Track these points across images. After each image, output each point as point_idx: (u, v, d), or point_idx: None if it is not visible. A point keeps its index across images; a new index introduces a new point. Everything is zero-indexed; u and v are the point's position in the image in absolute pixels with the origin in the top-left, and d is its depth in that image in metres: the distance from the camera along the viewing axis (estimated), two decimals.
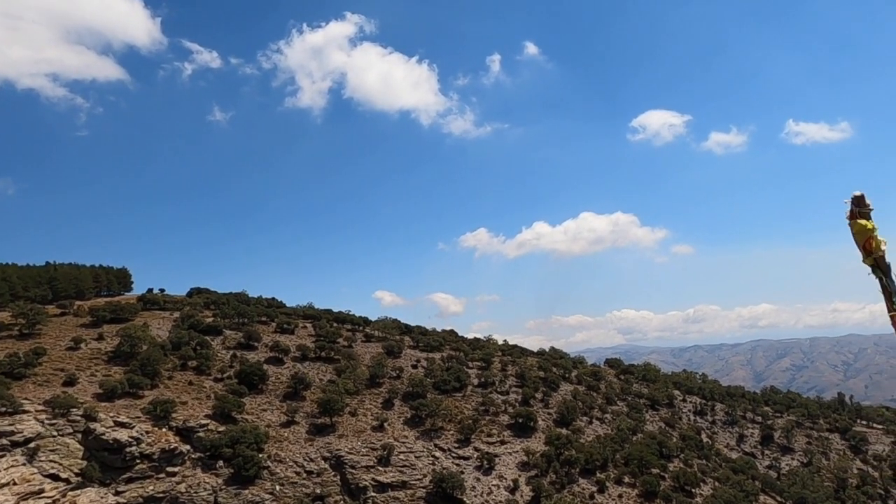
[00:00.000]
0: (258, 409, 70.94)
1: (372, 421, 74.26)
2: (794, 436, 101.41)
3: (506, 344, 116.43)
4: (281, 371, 79.33)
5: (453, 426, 76.85)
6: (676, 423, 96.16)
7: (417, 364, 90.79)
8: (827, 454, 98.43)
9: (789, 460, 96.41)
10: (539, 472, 72.05)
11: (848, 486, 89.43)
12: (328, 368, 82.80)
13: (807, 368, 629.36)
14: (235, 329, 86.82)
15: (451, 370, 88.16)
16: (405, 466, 69.61)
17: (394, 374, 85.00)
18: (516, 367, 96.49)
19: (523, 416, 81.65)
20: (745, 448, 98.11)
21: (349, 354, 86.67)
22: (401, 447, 71.01)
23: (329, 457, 67.56)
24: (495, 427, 79.28)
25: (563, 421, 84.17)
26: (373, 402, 78.26)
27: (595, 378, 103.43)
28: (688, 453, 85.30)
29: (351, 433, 71.15)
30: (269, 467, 63.19)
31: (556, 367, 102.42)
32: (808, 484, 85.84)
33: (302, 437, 68.69)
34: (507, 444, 77.26)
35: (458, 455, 73.11)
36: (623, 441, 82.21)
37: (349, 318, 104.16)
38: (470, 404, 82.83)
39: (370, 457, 68.87)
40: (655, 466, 77.24)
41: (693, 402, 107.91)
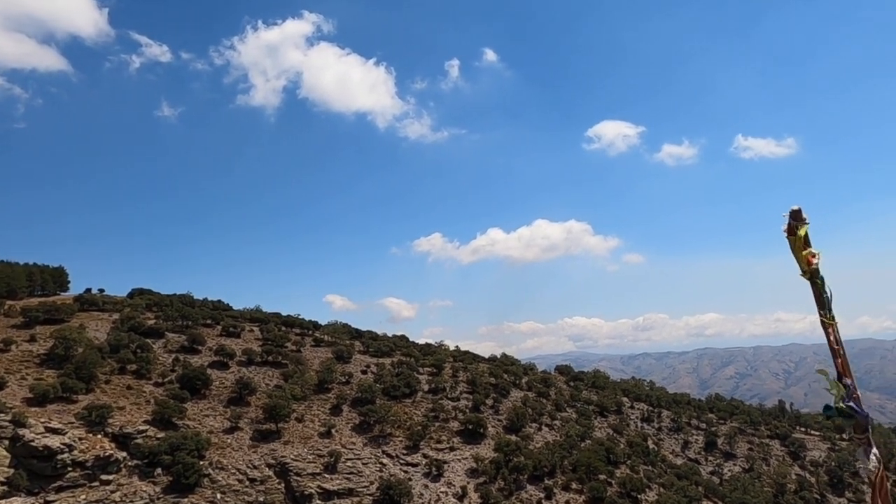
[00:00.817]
0: (200, 414, 68.86)
1: (319, 427, 72.91)
2: (736, 442, 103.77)
3: (457, 350, 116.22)
4: (225, 375, 77.24)
5: (402, 432, 76.07)
6: (624, 430, 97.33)
7: (367, 369, 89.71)
8: (767, 460, 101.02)
9: (731, 466, 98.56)
10: (488, 478, 71.81)
11: (786, 491, 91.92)
12: (275, 373, 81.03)
13: (750, 376, 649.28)
14: (179, 332, 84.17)
15: (401, 376, 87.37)
16: (352, 473, 68.55)
17: (343, 379, 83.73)
18: (467, 374, 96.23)
19: (473, 422, 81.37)
20: (690, 454, 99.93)
21: (297, 359, 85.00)
22: (348, 454, 69.95)
23: (274, 464, 66.04)
24: (445, 433, 78.78)
25: (513, 427, 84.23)
26: (321, 407, 76.88)
27: (545, 385, 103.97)
28: (634, 459, 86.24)
29: (297, 440, 69.69)
30: (210, 475, 61.34)
31: (507, 374, 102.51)
32: (748, 489, 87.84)
33: (246, 443, 66.97)
34: (457, 450, 76.85)
35: (407, 462, 72.38)
36: (571, 447, 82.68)
37: (298, 321, 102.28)
38: (420, 410, 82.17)
39: (316, 464, 67.61)
40: (603, 473, 77.84)
41: (641, 408, 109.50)
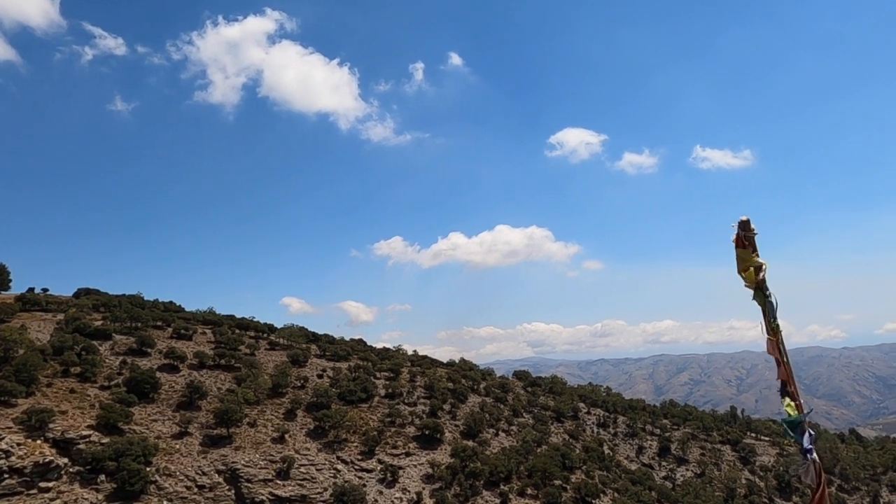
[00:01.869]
0: (148, 419, 66.67)
1: (272, 432, 71.39)
2: (689, 447, 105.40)
3: (415, 354, 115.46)
4: (175, 379, 75.04)
5: (358, 438, 75.08)
6: (580, 435, 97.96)
7: (323, 374, 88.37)
8: (719, 465, 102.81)
9: (684, 471, 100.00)
10: (444, 484, 71.35)
11: (736, 495, 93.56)
12: (228, 377, 79.10)
13: (704, 383, 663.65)
14: (127, 334, 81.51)
15: (357, 380, 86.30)
16: (305, 480, 67.27)
17: (298, 383, 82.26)
18: (425, 379, 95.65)
19: (430, 427, 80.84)
20: (644, 459, 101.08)
21: (251, 363, 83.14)
22: (302, 459, 68.64)
23: (224, 470, 64.30)
24: (401, 439, 78.06)
25: (470, 433, 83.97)
26: (274, 412, 75.34)
27: (503, 390, 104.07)
28: (590, 465, 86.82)
29: (249, 445, 68.08)
30: (156, 481, 59.32)
31: (465, 379, 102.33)
32: (700, 494, 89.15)
33: (195, 449, 65.04)
34: (413, 456, 76.20)
35: (362, 468, 71.43)
36: (528, 453, 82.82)
37: (253, 324, 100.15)
38: (376, 415, 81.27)
39: (268, 470, 66.11)
40: (558, 478, 78.12)
41: (597, 414, 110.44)
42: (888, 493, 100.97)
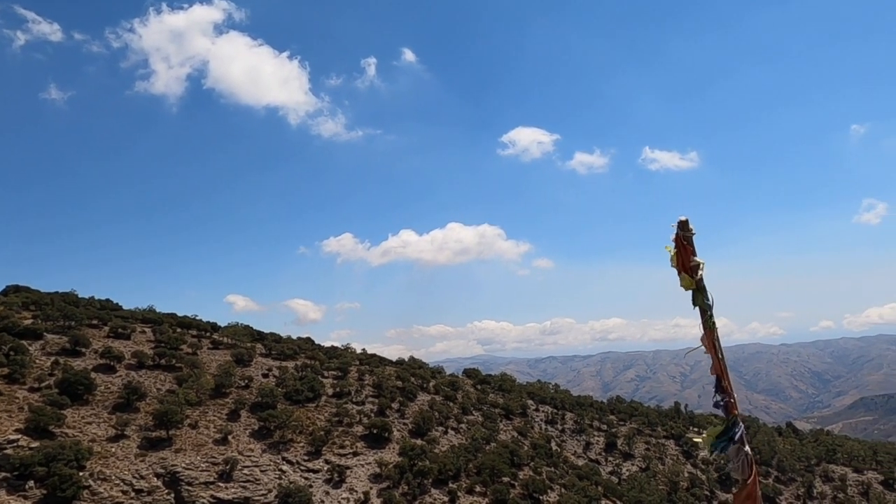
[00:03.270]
0: (82, 422, 63.97)
1: (215, 433, 69.44)
2: (634, 443, 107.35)
3: (364, 353, 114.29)
4: (112, 380, 72.25)
5: (304, 438, 73.73)
6: (528, 432, 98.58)
7: (269, 373, 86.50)
8: (663, 459, 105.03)
9: (630, 466, 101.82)
10: (392, 483, 70.73)
11: (679, 488, 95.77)
12: (168, 377, 76.57)
13: (650, 379, 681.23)
14: (60, 333, 78.04)
15: (304, 379, 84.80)
16: (249, 481, 65.68)
17: (242, 383, 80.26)
18: (374, 377, 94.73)
19: (378, 426, 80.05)
20: (591, 455, 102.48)
21: (193, 362, 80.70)
22: (245, 461, 67.00)
23: (163, 473, 62.20)
24: (349, 438, 77.04)
25: (419, 431, 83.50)
26: (217, 413, 73.30)
27: (453, 388, 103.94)
28: (538, 461, 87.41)
29: (190, 447, 66.03)
30: (90, 486, 56.94)
31: (414, 377, 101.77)
32: (644, 488, 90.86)
33: (132, 452, 62.71)
34: (361, 455, 75.30)
35: (308, 468, 70.22)
36: (477, 450, 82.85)
37: (195, 323, 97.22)
38: (323, 415, 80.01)
39: (210, 472, 64.28)
40: (506, 475, 78.39)
41: (545, 411, 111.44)
42: (821, 484, 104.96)
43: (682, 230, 8.22)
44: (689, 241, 8.23)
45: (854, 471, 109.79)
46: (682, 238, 8.21)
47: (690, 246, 8.17)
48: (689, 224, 8.25)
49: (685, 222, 8.23)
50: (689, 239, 8.24)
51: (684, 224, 8.22)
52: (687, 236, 8.25)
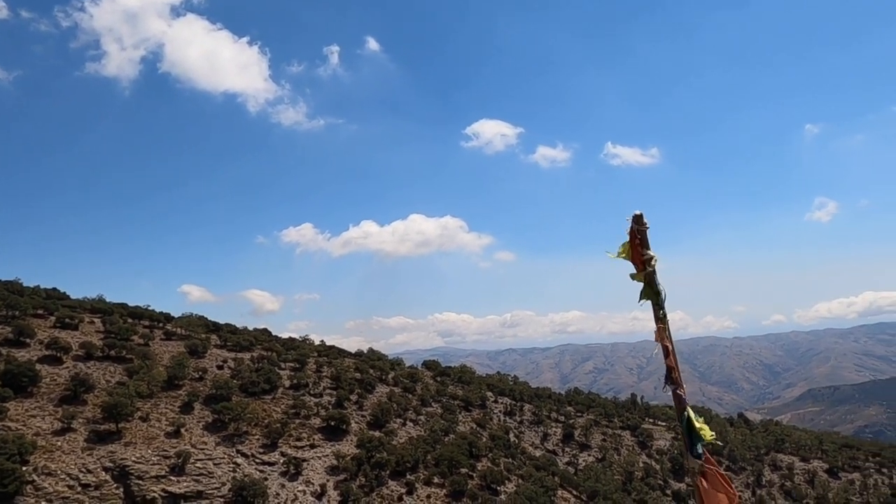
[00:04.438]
0: (26, 415, 61.69)
1: (167, 426, 67.79)
2: (591, 434, 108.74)
3: (322, 344, 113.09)
4: (58, 371, 69.85)
5: (260, 430, 72.59)
6: (487, 424, 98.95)
7: (224, 365, 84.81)
8: (619, 450, 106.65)
9: (586, 456, 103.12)
10: (349, 475, 70.22)
11: (634, 478, 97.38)
12: (118, 369, 74.38)
13: (607, 371, 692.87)
14: (3, 323, 75.06)
15: (261, 371, 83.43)
16: (202, 475, 64.31)
17: (196, 375, 78.48)
18: (332, 369, 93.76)
19: (336, 418, 79.31)
20: (549, 446, 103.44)
21: (145, 353, 78.58)
22: (198, 454, 65.55)
23: (112, 467, 60.43)
24: (306, 430, 76.15)
25: (377, 423, 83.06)
26: (169, 405, 71.54)
27: (412, 380, 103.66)
28: (496, 452, 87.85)
29: (140, 440, 64.29)
30: (34, 482, 54.96)
31: (373, 369, 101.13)
32: (600, 478, 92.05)
33: (80, 445, 60.76)
34: (318, 447, 74.53)
35: (263, 461, 69.16)
36: (435, 442, 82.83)
37: (147, 313, 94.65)
38: (280, 407, 78.87)
39: (161, 465, 62.69)
40: (465, 466, 78.58)
41: (504, 402, 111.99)
42: (770, 472, 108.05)
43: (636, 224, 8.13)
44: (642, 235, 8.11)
45: (801, 460, 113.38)
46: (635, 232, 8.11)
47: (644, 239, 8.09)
48: (643, 218, 8.14)
49: (640, 216, 8.14)
50: (643, 233, 8.13)
51: (639, 218, 8.13)
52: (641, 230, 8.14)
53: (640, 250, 8.02)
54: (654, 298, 7.81)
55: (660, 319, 7.77)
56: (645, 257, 7.88)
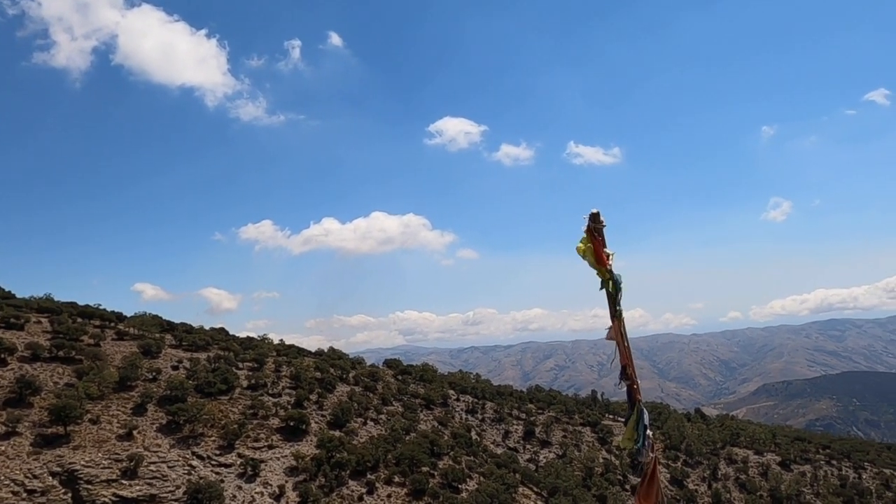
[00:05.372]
0: None
1: (118, 429, 65.81)
2: (552, 430, 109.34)
3: (282, 343, 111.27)
4: (3, 373, 67.05)
5: (216, 432, 71.03)
6: (449, 422, 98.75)
7: (179, 365, 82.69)
8: (579, 446, 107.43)
9: (547, 453, 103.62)
10: (308, 476, 69.27)
11: (594, 473, 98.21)
12: (67, 370, 71.82)
13: (568, 368, 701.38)
14: None
15: (217, 371, 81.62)
16: (155, 478, 62.62)
17: (150, 376, 76.32)
18: (291, 368, 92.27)
19: (295, 418, 78.07)
20: (510, 443, 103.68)
21: (95, 354, 76.07)
22: (152, 457, 63.86)
23: (60, 472, 58.43)
24: (264, 431, 74.80)
25: (338, 423, 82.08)
26: (121, 407, 69.43)
27: (373, 379, 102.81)
28: (457, 451, 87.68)
29: (90, 444, 62.30)
30: None
31: (333, 368, 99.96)
32: (561, 474, 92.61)
33: (25, 450, 58.62)
34: (276, 448, 73.27)
35: (220, 463, 67.69)
36: (396, 441, 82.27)
37: (98, 312, 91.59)
38: (237, 408, 77.29)
39: (113, 469, 60.87)
40: (426, 465, 78.28)
41: (466, 400, 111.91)
42: (725, 466, 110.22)
43: (593, 222, 8.45)
44: (599, 233, 8.44)
45: (755, 453, 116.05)
46: (593, 230, 8.45)
47: (601, 237, 8.43)
48: (600, 216, 8.45)
49: (596, 214, 8.45)
50: (600, 231, 8.46)
51: (595, 216, 8.44)
52: (598, 228, 8.47)
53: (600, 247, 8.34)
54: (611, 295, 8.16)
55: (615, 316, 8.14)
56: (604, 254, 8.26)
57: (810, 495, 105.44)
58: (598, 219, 8.42)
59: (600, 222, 8.41)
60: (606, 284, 8.23)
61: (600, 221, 8.41)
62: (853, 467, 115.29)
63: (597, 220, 8.42)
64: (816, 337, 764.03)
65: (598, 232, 8.41)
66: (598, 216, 8.43)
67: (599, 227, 8.41)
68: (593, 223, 8.43)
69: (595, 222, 8.43)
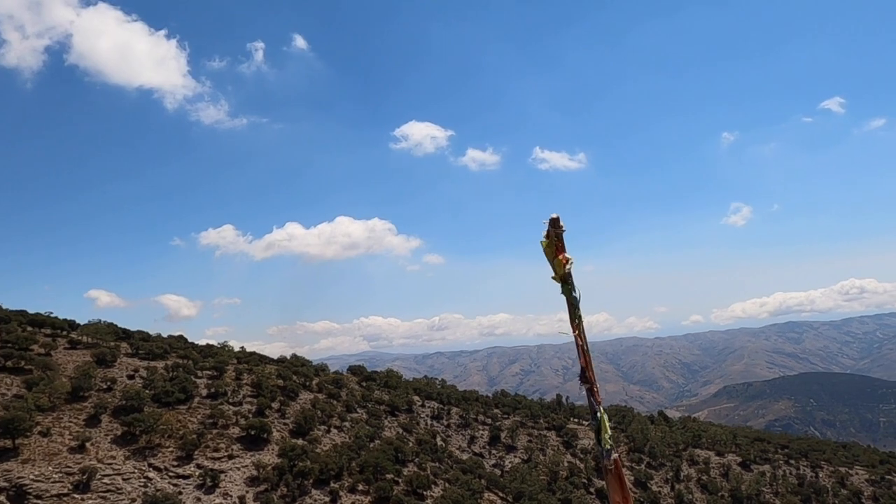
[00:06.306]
0: None
1: (70, 441, 63.56)
2: (518, 435, 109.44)
3: (243, 351, 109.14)
4: None
5: (174, 442, 69.10)
6: (414, 428, 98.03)
7: (135, 374, 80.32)
8: (544, 450, 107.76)
9: (512, 458, 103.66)
10: (270, 486, 67.82)
11: (559, 477, 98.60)
12: (15, 381, 69.11)
13: (534, 373, 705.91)
14: None
15: (175, 380, 79.50)
16: (109, 491, 60.65)
17: (104, 385, 73.93)
18: (253, 376, 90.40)
19: (256, 427, 76.47)
20: (476, 449, 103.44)
21: (46, 364, 73.38)
22: (106, 469, 61.83)
23: (7, 487, 56.20)
24: (224, 441, 73.04)
25: (300, 431, 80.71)
26: (74, 418, 67.09)
27: (337, 386, 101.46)
28: (422, 457, 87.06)
29: (40, 457, 60.04)
30: None
31: (296, 376, 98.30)
32: (526, 479, 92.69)
33: None
34: (237, 458, 71.60)
35: (178, 474, 65.86)
36: (360, 448, 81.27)
37: (50, 320, 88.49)
38: (196, 417, 75.34)
39: (64, 483, 58.75)
40: (390, 472, 77.45)
41: (431, 406, 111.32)
42: (688, 467, 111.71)
43: (553, 227, 8.43)
44: (559, 238, 8.44)
45: (717, 454, 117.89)
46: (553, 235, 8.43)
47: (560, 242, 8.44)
48: (559, 221, 8.44)
49: (556, 219, 8.42)
50: (560, 235, 8.45)
51: (555, 221, 8.42)
52: (558, 233, 8.45)
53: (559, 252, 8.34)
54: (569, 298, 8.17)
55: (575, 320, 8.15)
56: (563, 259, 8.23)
57: (770, 495, 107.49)
58: (557, 224, 8.36)
59: (560, 227, 8.34)
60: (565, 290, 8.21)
61: (560, 226, 8.35)
62: (810, 466, 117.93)
63: (556, 225, 8.36)
64: (775, 339, 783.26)
65: (558, 237, 8.35)
66: (557, 221, 8.36)
67: (559, 231, 8.35)
68: (553, 228, 8.39)
69: (555, 227, 8.37)
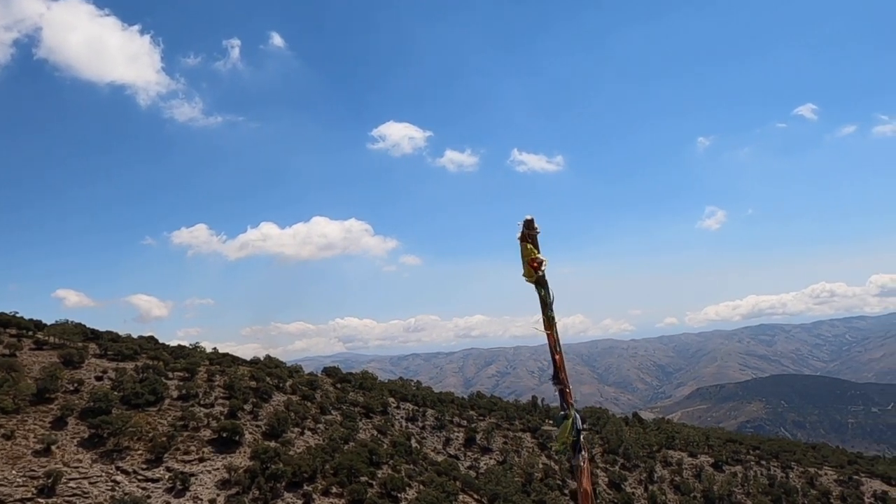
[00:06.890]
0: None
1: (35, 444, 62.11)
2: (493, 437, 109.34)
3: (216, 352, 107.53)
4: None
5: (143, 445, 67.80)
6: (389, 430, 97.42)
7: (104, 375, 78.69)
8: (519, 452, 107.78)
9: (488, 460, 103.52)
10: (241, 489, 66.78)
11: (534, 479, 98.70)
12: None
13: (509, 374, 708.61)
14: None
15: (145, 381, 78.04)
16: (76, 495, 59.36)
17: (71, 387, 72.33)
18: (225, 378, 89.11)
19: (228, 429, 75.32)
20: (451, 451, 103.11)
21: (10, 365, 71.58)
22: (72, 473, 60.52)
23: None
24: (194, 443, 71.84)
25: (273, 433, 79.69)
26: (39, 421, 65.56)
27: (311, 387, 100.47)
28: (397, 459, 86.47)
29: (3, 461, 58.68)
30: None
31: (270, 377, 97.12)
32: (501, 480, 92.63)
33: None
34: (208, 461, 70.45)
35: (146, 477, 64.60)
36: (334, 451, 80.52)
37: (15, 320, 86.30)
38: (166, 419, 74.01)
39: (28, 487, 57.42)
40: (364, 474, 76.83)
41: (406, 408, 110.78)
42: (661, 468, 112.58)
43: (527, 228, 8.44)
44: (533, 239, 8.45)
45: (690, 455, 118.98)
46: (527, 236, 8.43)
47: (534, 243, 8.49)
48: (534, 223, 8.47)
49: (530, 221, 8.47)
50: (534, 237, 8.45)
51: (530, 223, 8.46)
52: (532, 234, 8.46)
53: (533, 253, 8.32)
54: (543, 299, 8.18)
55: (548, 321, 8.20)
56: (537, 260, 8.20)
57: (741, 495, 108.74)
58: (532, 225, 8.33)
59: (534, 229, 8.30)
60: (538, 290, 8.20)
61: (534, 228, 8.31)
62: (781, 467, 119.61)
63: (531, 226, 8.34)
64: (748, 342, 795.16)
65: (532, 238, 8.30)
66: (532, 223, 8.34)
67: (533, 233, 8.29)
68: (527, 229, 8.35)
69: (529, 229, 8.33)
